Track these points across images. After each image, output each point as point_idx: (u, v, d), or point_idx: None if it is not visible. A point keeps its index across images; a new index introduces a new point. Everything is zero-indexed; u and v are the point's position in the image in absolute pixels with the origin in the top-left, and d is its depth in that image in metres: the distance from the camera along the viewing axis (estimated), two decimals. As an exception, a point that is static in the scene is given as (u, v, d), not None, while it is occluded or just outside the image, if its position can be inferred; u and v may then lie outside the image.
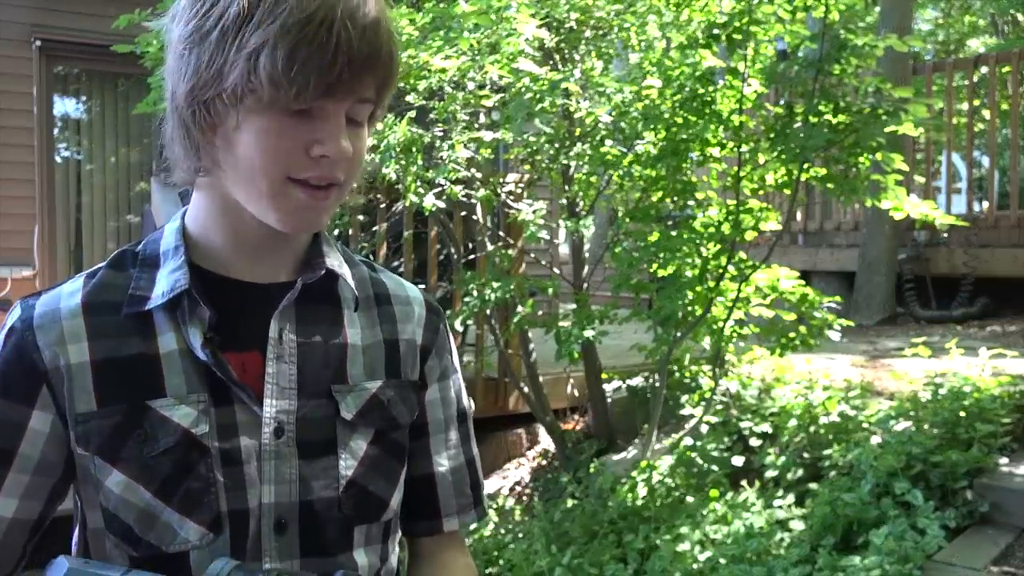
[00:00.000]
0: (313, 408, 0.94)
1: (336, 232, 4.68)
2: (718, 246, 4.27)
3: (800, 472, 3.84)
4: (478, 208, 4.67)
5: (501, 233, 4.96)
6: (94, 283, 0.94)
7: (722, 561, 3.30)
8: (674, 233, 4.22)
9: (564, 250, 7.05)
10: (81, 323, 0.91)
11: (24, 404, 0.90)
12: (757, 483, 3.96)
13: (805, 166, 4.10)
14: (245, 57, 0.82)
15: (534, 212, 4.26)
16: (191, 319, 0.92)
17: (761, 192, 4.47)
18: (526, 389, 4.81)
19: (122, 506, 0.89)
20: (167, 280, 0.93)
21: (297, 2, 0.82)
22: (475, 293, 4.27)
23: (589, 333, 4.19)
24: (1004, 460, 3.66)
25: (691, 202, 4.39)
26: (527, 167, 4.95)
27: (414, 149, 4.08)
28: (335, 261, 1.00)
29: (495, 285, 4.22)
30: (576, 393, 5.24)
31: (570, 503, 4.23)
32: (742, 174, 4.22)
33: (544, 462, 5.10)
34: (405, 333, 1.03)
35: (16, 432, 0.90)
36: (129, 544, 0.90)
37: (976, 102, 7.77)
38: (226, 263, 0.96)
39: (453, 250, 4.80)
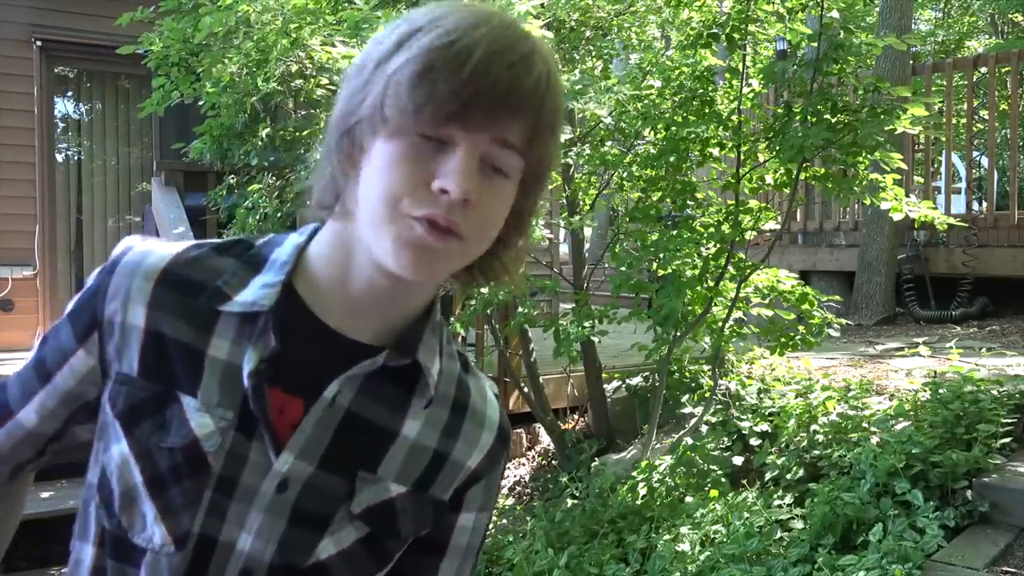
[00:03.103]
0: (326, 482, 0.90)
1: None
2: (718, 246, 4.28)
3: (800, 472, 3.85)
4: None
5: (501, 233, 4.95)
6: (190, 255, 0.92)
7: (722, 561, 3.30)
8: (674, 233, 4.23)
9: (564, 250, 7.06)
10: (149, 287, 0.90)
11: (77, 340, 0.92)
12: (757, 483, 3.97)
13: (804, 166, 4.11)
14: (383, 81, 0.81)
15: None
16: (256, 341, 0.88)
17: (760, 191, 4.48)
18: (526, 389, 4.82)
19: (116, 475, 0.89)
20: (254, 292, 0.90)
21: (444, 30, 0.80)
22: (477, 297, 4.25)
23: (587, 331, 4.18)
24: (1004, 460, 3.66)
25: (691, 202, 4.39)
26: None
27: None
28: (428, 352, 0.93)
29: (496, 288, 4.22)
30: (576, 393, 5.24)
31: (570, 503, 4.24)
32: (741, 173, 4.23)
33: (544, 462, 5.10)
34: (460, 454, 0.97)
35: (61, 360, 0.93)
36: (106, 513, 0.89)
37: (975, 102, 7.78)
38: (320, 300, 0.91)
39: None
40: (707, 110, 4.22)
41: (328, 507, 0.90)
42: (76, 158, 7.37)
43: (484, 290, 4.23)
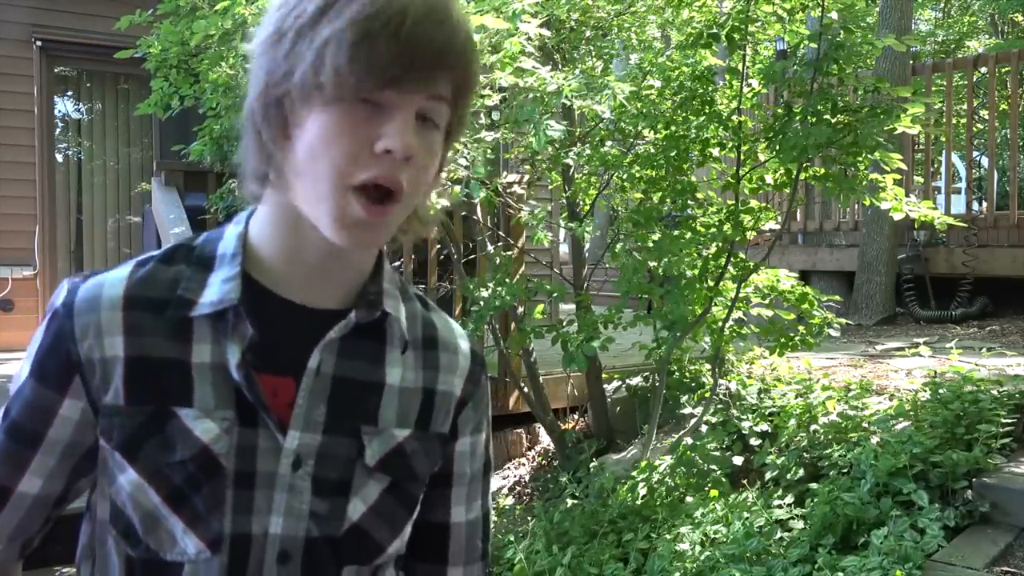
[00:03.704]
0: (336, 446, 0.93)
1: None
2: (719, 246, 4.27)
3: (800, 472, 3.85)
4: (478, 208, 4.68)
5: (501, 233, 4.96)
6: (141, 275, 0.92)
7: (722, 561, 3.30)
8: (676, 234, 4.23)
9: (564, 249, 7.06)
10: (119, 316, 0.90)
11: (56, 392, 0.91)
12: (757, 483, 3.97)
13: (804, 165, 4.11)
14: (315, 50, 0.82)
15: (534, 213, 4.26)
16: (232, 335, 0.90)
17: (760, 191, 4.48)
18: (526, 389, 4.82)
19: (130, 503, 0.89)
20: (217, 289, 0.91)
21: None
22: (482, 303, 4.23)
23: (597, 343, 4.14)
24: (1004, 460, 3.66)
25: (691, 202, 4.39)
26: (527, 167, 4.95)
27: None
28: (392, 300, 0.97)
29: (500, 292, 4.19)
30: (576, 393, 5.24)
31: (570, 503, 4.23)
32: (741, 173, 4.23)
33: (544, 462, 5.10)
34: (445, 384, 1.01)
35: (47, 417, 0.91)
36: (128, 543, 0.90)
37: (975, 102, 7.78)
38: (278, 279, 0.93)
39: (453, 250, 4.80)
40: (707, 110, 4.22)
41: (345, 469, 0.93)
42: (76, 158, 7.37)
43: (485, 293, 4.22)
